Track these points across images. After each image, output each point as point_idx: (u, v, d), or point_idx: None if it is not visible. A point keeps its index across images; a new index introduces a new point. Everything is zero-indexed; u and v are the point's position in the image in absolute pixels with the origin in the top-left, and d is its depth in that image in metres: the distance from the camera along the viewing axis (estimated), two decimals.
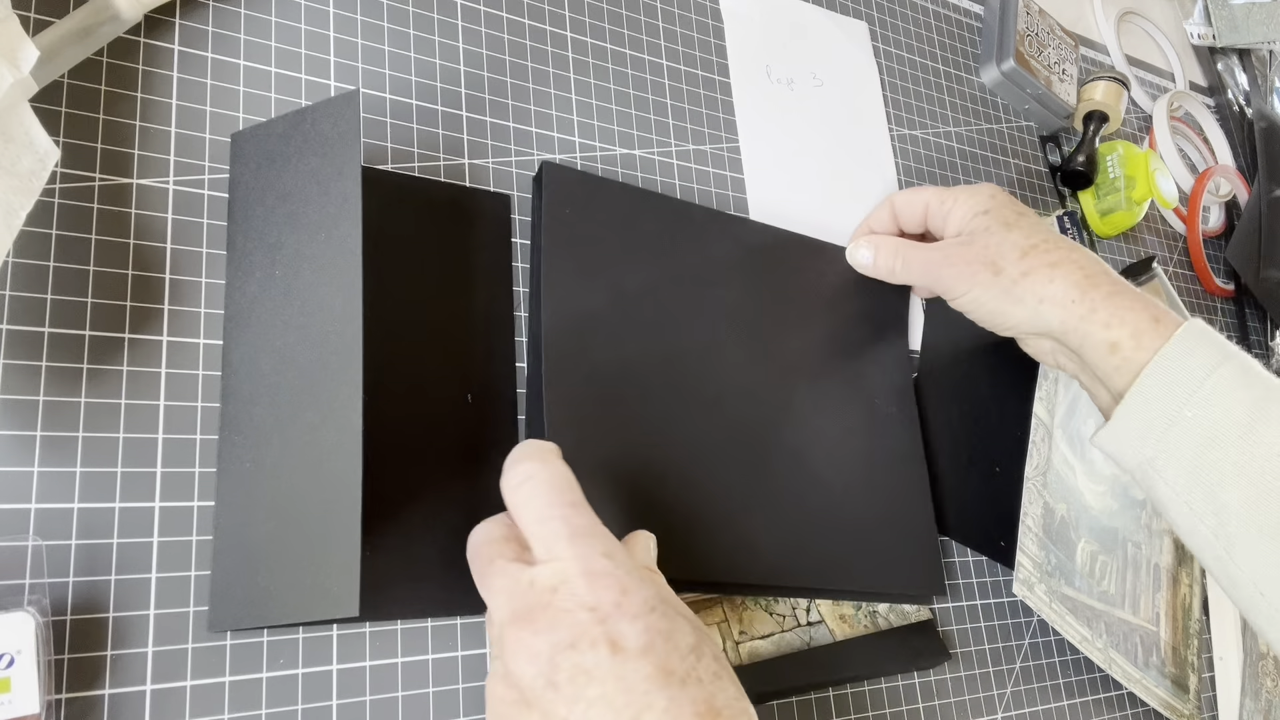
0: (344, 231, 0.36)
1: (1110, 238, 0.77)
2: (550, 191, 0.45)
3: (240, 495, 0.36)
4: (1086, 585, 0.55)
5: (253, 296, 0.38)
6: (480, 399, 0.42)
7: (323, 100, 0.38)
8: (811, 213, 0.58)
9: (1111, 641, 0.55)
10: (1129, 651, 0.56)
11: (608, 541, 0.33)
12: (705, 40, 0.58)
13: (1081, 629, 0.53)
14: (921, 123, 0.68)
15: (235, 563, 0.35)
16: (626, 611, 0.31)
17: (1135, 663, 0.56)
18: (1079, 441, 0.59)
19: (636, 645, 0.30)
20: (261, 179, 0.39)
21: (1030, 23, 0.74)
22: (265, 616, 0.34)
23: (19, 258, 0.35)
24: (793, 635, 0.46)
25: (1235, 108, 0.95)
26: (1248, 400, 0.40)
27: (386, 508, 0.38)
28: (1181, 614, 0.62)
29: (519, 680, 0.30)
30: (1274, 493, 0.39)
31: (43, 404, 0.34)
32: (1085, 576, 0.55)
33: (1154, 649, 0.58)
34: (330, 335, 0.35)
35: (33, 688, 0.30)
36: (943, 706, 0.51)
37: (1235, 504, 0.39)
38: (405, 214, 0.43)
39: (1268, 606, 0.40)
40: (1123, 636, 0.56)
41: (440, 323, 0.42)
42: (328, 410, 0.35)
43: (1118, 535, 0.59)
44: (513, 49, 0.50)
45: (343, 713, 0.36)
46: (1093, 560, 0.56)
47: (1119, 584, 0.57)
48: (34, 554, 0.33)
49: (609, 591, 0.31)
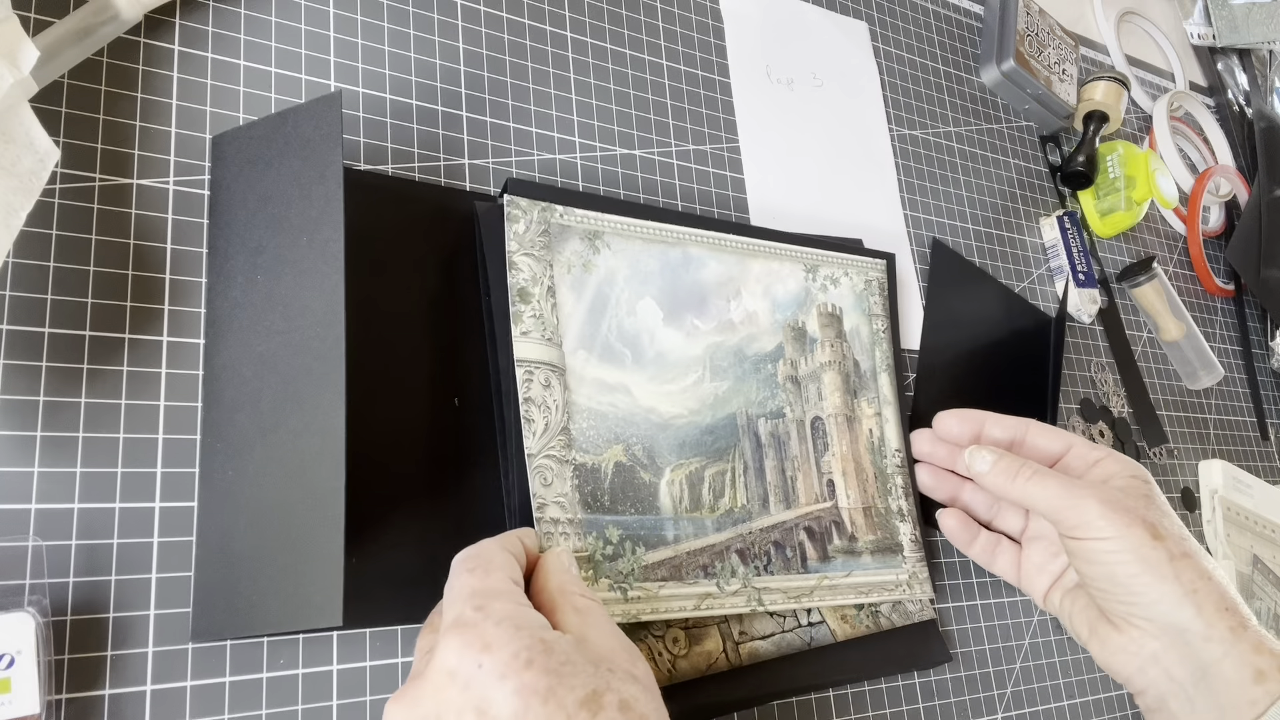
0: (326, 235, 0.36)
1: (1110, 238, 0.77)
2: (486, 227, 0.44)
3: (222, 504, 0.35)
4: (691, 524, 0.44)
5: (234, 301, 0.37)
6: (467, 403, 0.42)
7: (304, 102, 0.38)
8: (812, 213, 0.58)
9: (752, 571, 0.45)
10: (787, 561, 0.47)
11: (492, 591, 0.31)
12: (705, 40, 0.58)
13: (693, 589, 0.43)
14: (921, 123, 0.68)
15: (217, 572, 0.35)
16: (492, 672, 0.29)
17: (804, 567, 0.47)
18: (627, 342, 0.45)
19: (507, 712, 0.28)
20: (243, 182, 0.39)
21: (1030, 23, 0.74)
22: (248, 626, 0.34)
23: (19, 258, 0.35)
24: (793, 635, 0.46)
25: (1235, 108, 0.95)
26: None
27: (370, 515, 0.37)
28: (870, 457, 0.52)
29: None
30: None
31: (43, 404, 0.34)
32: (686, 513, 0.44)
33: (831, 531, 0.49)
34: (313, 341, 0.35)
35: (33, 688, 0.30)
36: (943, 706, 0.51)
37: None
38: (389, 216, 0.43)
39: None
40: (773, 548, 0.46)
41: (426, 326, 0.42)
42: (310, 417, 0.34)
43: (733, 425, 0.47)
44: (513, 49, 0.50)
45: (343, 713, 0.36)
46: (695, 484, 0.45)
47: (754, 486, 0.47)
48: (34, 554, 0.33)
49: (470, 650, 0.29)
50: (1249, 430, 0.81)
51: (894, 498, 0.52)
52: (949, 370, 0.59)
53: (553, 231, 0.44)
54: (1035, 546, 0.49)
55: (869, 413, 0.53)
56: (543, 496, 0.40)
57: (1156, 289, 0.75)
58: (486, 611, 0.30)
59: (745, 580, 0.44)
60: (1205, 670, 0.40)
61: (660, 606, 0.41)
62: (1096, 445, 0.47)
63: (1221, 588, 0.41)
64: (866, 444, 0.52)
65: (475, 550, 0.34)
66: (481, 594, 0.31)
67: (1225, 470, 0.73)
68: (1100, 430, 0.67)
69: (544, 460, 0.40)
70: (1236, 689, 0.39)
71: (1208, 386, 0.77)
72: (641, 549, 0.42)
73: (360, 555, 0.37)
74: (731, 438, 0.47)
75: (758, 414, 0.49)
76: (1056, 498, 0.43)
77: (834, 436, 0.51)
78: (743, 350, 0.49)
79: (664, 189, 0.53)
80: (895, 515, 0.52)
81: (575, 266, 0.45)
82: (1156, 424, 0.72)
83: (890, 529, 0.51)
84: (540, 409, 0.41)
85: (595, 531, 0.41)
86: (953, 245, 0.65)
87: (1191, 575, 0.40)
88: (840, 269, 0.55)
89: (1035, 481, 0.44)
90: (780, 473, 0.48)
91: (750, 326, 0.50)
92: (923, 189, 0.65)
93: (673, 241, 0.48)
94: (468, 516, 0.40)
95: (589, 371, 0.43)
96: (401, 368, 0.41)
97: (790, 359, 0.51)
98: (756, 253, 0.51)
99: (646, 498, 0.43)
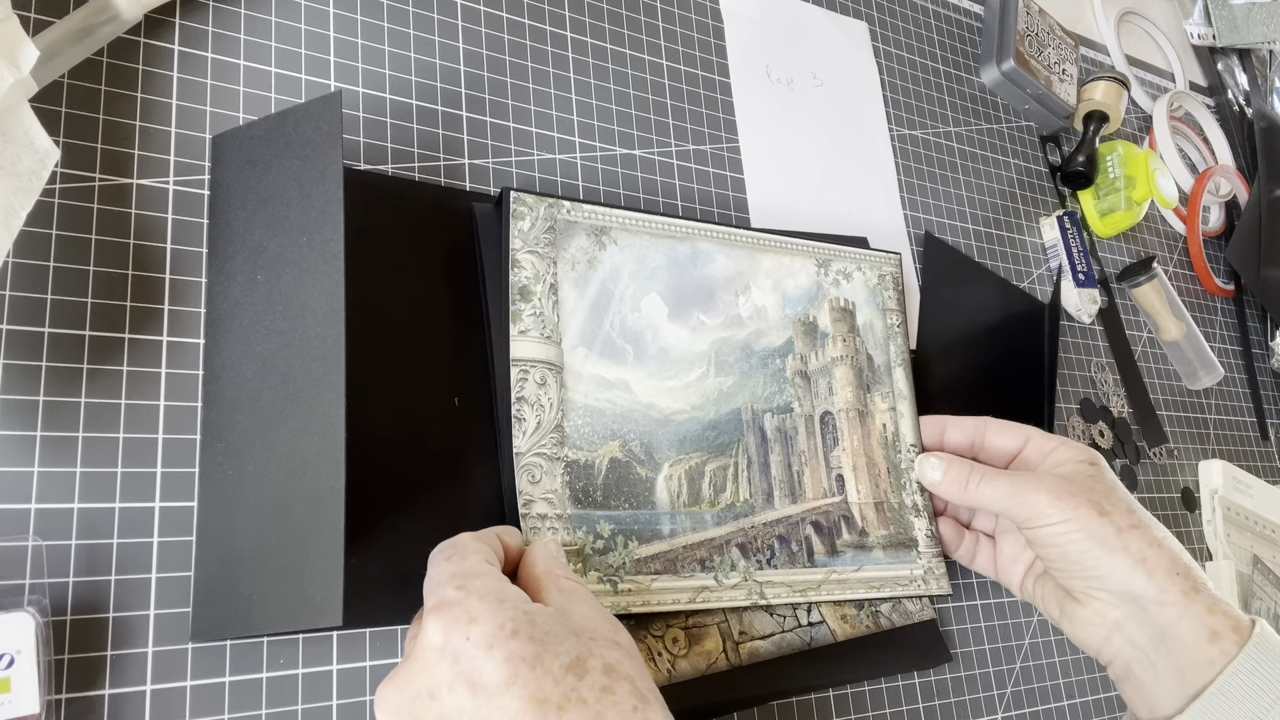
0: (326, 235, 0.36)
1: (1110, 238, 0.77)
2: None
3: (222, 503, 0.35)
4: (689, 519, 0.44)
5: (234, 301, 0.37)
6: (467, 402, 0.42)
7: (304, 102, 0.38)
8: (812, 212, 0.58)
9: (754, 565, 0.45)
10: (792, 555, 0.46)
11: (471, 572, 0.32)
12: (705, 40, 0.58)
13: (688, 582, 0.43)
14: (921, 123, 0.68)
15: (217, 572, 0.35)
16: (480, 643, 0.29)
17: (811, 561, 0.47)
18: (629, 338, 0.45)
19: (497, 680, 0.29)
20: (242, 182, 0.39)
21: (1030, 23, 0.74)
22: (248, 627, 0.34)
23: (19, 258, 0.35)
24: (793, 635, 0.46)
25: (1235, 108, 0.95)
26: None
27: (370, 515, 0.37)
28: (882, 452, 0.52)
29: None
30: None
31: (43, 404, 0.34)
32: (684, 508, 0.44)
33: (840, 526, 0.49)
34: (313, 340, 0.35)
35: (33, 688, 0.30)
36: (943, 706, 0.51)
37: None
38: (389, 216, 0.43)
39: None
40: (777, 542, 0.46)
41: (426, 326, 0.42)
42: (310, 416, 0.34)
43: (738, 420, 0.47)
44: (513, 49, 0.50)
45: (343, 713, 0.36)
46: (695, 479, 0.45)
47: (758, 481, 0.47)
48: (34, 554, 0.33)
49: (456, 624, 0.30)
50: (1249, 430, 0.81)
51: (908, 493, 0.52)
52: (946, 362, 0.59)
53: (559, 228, 0.44)
54: (1007, 540, 0.50)
55: (883, 407, 0.53)
56: (530, 494, 0.40)
57: (1156, 289, 0.75)
58: (468, 589, 0.31)
59: (746, 574, 0.44)
60: (1163, 634, 0.41)
61: (652, 599, 0.41)
62: (1051, 436, 0.48)
63: (1173, 554, 0.42)
64: (879, 439, 0.52)
65: (449, 541, 0.35)
66: (460, 575, 0.32)
67: (1225, 470, 0.73)
68: (1100, 430, 0.67)
69: (533, 458, 0.40)
70: (1194, 649, 0.40)
71: (1208, 386, 0.77)
72: (634, 543, 0.42)
73: (360, 555, 0.37)
74: (735, 433, 0.47)
75: (764, 409, 0.49)
76: (1007, 496, 0.45)
77: (844, 431, 0.51)
78: (750, 345, 0.49)
79: (664, 189, 0.53)
80: (910, 510, 0.51)
81: (580, 263, 0.45)
82: (1156, 424, 0.72)
83: (904, 524, 0.51)
84: (533, 407, 0.41)
85: (585, 526, 0.41)
86: (952, 245, 0.65)
87: (1140, 544, 0.42)
88: (853, 264, 0.55)
89: (985, 484, 0.46)
90: (786, 467, 0.48)
91: (759, 321, 0.50)
92: (923, 189, 0.65)
93: (681, 236, 0.48)
94: (468, 516, 0.40)
95: (587, 368, 0.43)
96: (401, 367, 0.41)
97: (800, 354, 0.51)
98: (767, 248, 0.51)
99: (641, 493, 0.43)
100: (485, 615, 0.30)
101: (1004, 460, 0.49)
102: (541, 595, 0.34)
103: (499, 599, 0.31)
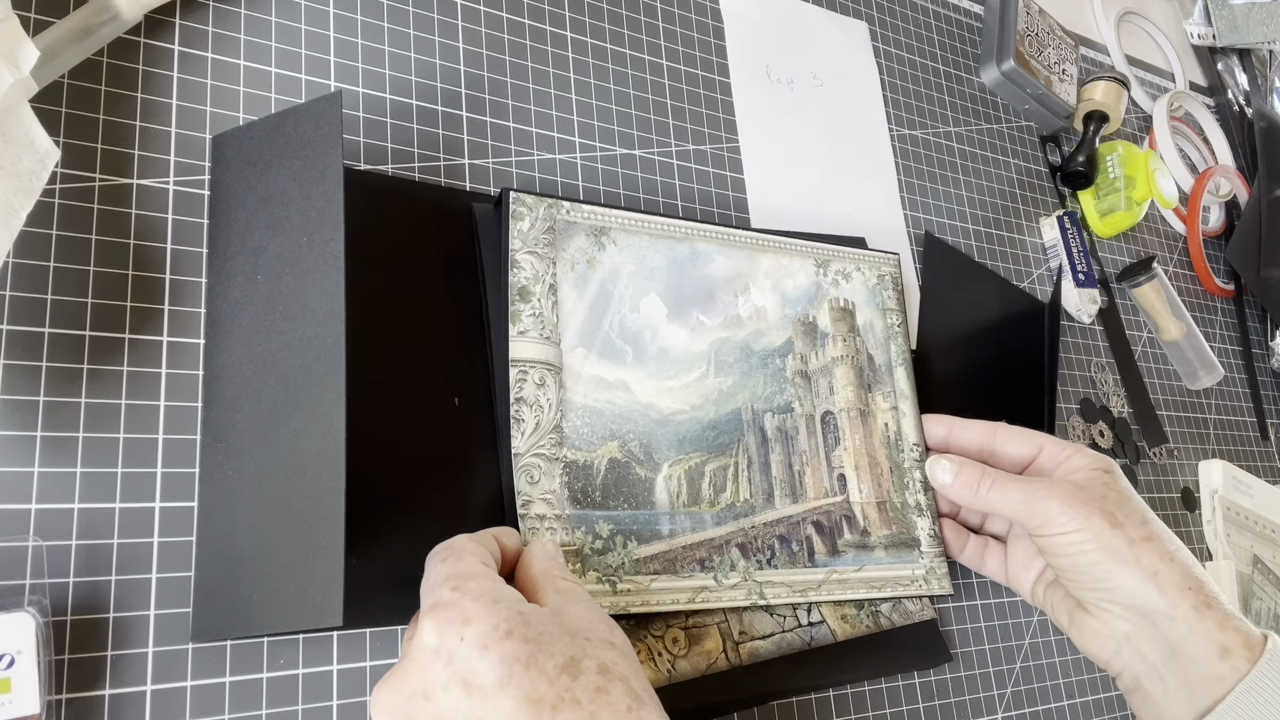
0: (326, 235, 0.36)
1: (1110, 238, 0.77)
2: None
3: (222, 503, 0.35)
4: (688, 519, 0.44)
5: (235, 301, 0.37)
6: (467, 403, 0.42)
7: (304, 102, 0.38)
8: (812, 212, 0.58)
9: (754, 565, 0.45)
10: (793, 555, 0.46)
11: (466, 573, 0.32)
12: (705, 40, 0.58)
13: (687, 582, 0.43)
14: (921, 123, 0.68)
15: (217, 572, 0.35)
16: (474, 644, 0.29)
17: (811, 561, 0.47)
18: (628, 339, 0.45)
19: (491, 680, 0.29)
20: (243, 182, 0.39)
21: (1030, 23, 0.74)
22: (248, 627, 0.34)
23: (19, 258, 0.35)
24: (794, 635, 0.46)
25: (1235, 108, 0.95)
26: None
27: (371, 515, 0.37)
28: (884, 451, 0.52)
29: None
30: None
31: (43, 404, 0.34)
32: (684, 508, 0.44)
33: (841, 526, 0.48)
34: (313, 340, 0.35)
35: (33, 688, 0.30)
36: (943, 706, 0.51)
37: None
38: (389, 215, 0.43)
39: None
40: (777, 542, 0.46)
41: (426, 326, 0.42)
42: (311, 416, 0.34)
43: (738, 420, 0.47)
44: (513, 49, 0.50)
45: (343, 713, 0.36)
46: (695, 479, 0.45)
47: (758, 481, 0.47)
48: (34, 554, 0.33)
49: (451, 625, 0.30)
50: (1249, 430, 0.81)
51: (911, 492, 0.52)
52: (946, 362, 0.59)
53: (558, 228, 0.44)
54: (1019, 545, 0.50)
55: (884, 407, 0.53)
56: (528, 494, 0.40)
57: (1156, 289, 0.75)
58: (463, 590, 0.31)
59: (746, 574, 0.44)
60: (1174, 649, 0.41)
61: (651, 599, 0.41)
62: (1065, 443, 0.48)
63: (1185, 568, 0.42)
64: (882, 438, 0.52)
65: (445, 542, 0.35)
66: (456, 576, 0.32)
67: (1225, 470, 0.73)
68: (1100, 430, 0.67)
69: (531, 459, 0.40)
70: (1204, 666, 0.40)
71: (1208, 386, 0.77)
72: (633, 543, 0.42)
73: (360, 555, 0.37)
74: (735, 433, 0.47)
75: (764, 409, 0.49)
76: (1018, 501, 0.45)
77: (846, 431, 0.51)
78: (750, 345, 0.49)
79: (664, 189, 0.53)
80: (912, 510, 0.51)
81: (579, 263, 0.45)
82: (1156, 424, 0.72)
83: (906, 523, 0.51)
84: (532, 408, 0.41)
85: (584, 526, 0.41)
86: (953, 245, 0.65)
87: (1152, 557, 0.42)
88: (852, 264, 0.55)
89: (996, 489, 0.46)
90: (787, 467, 0.48)
91: (758, 322, 0.50)
92: (923, 189, 0.65)
93: (680, 237, 0.48)
94: (468, 516, 0.40)
95: (586, 369, 0.43)
96: (402, 367, 0.41)
97: (800, 354, 0.51)
98: (766, 248, 0.51)
99: (640, 493, 0.43)
100: (480, 616, 0.30)
101: (1015, 468, 0.49)
102: (538, 596, 0.34)
103: (494, 600, 0.31)
